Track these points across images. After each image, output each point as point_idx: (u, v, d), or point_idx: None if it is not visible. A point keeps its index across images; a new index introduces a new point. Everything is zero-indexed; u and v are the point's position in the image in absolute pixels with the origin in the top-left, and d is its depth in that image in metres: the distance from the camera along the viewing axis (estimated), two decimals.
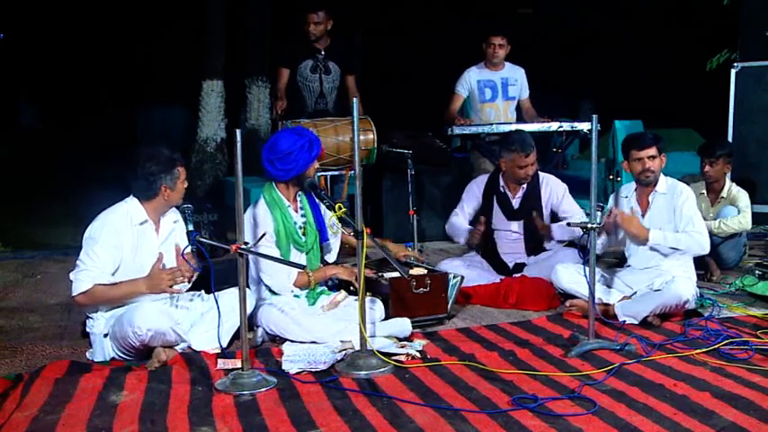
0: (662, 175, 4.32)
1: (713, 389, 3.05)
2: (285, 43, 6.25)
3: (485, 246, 5.01)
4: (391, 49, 15.45)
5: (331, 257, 4.23)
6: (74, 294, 3.49)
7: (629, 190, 4.45)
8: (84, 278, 3.47)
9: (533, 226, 4.85)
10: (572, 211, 4.86)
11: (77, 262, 3.52)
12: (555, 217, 4.95)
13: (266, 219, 3.95)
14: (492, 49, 6.10)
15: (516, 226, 4.94)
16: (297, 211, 4.06)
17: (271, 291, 4.00)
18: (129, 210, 3.62)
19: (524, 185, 4.93)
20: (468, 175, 6.01)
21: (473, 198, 5.07)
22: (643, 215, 4.33)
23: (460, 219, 5.05)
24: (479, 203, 5.05)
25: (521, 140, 4.82)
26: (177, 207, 3.75)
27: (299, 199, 4.09)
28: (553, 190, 4.94)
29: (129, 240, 3.57)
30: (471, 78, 6.22)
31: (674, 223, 4.25)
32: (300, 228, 4.04)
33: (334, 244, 4.24)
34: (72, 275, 3.51)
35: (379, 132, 5.56)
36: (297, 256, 4.02)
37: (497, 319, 4.28)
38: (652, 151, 4.23)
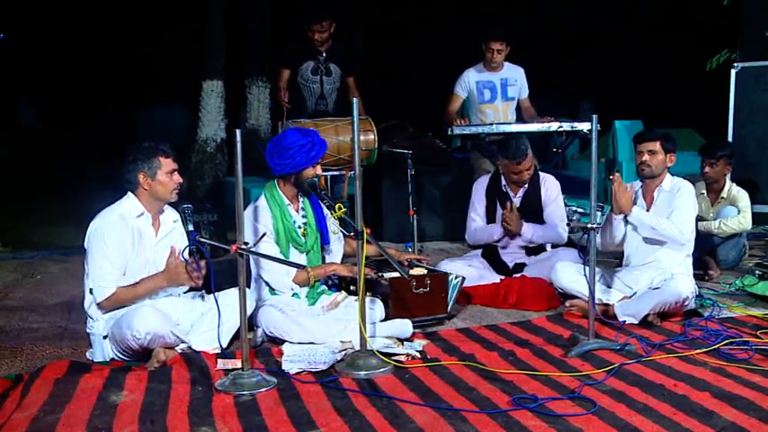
0: (668, 173, 4.33)
1: (713, 389, 3.05)
2: (285, 44, 6.24)
3: (485, 246, 5.01)
4: (391, 49, 15.47)
5: (335, 260, 4.25)
6: (99, 301, 3.51)
7: (635, 185, 4.46)
8: (104, 284, 3.48)
9: (530, 221, 4.86)
10: (556, 213, 4.87)
11: (90, 266, 3.52)
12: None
13: (265, 215, 3.98)
14: (491, 53, 6.10)
15: None
16: (297, 211, 4.08)
17: (271, 289, 4.01)
18: (127, 206, 3.62)
19: (525, 185, 4.94)
20: (469, 175, 6.01)
21: (482, 199, 5.06)
22: (647, 210, 4.33)
23: (479, 223, 5.05)
24: (485, 203, 5.05)
25: (514, 148, 4.76)
26: (177, 207, 3.75)
27: (300, 199, 4.10)
28: (549, 189, 4.96)
29: (128, 237, 3.57)
30: (470, 79, 6.22)
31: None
32: (300, 227, 4.05)
33: (337, 248, 4.25)
34: (91, 283, 3.51)
35: (379, 132, 5.56)
36: (296, 257, 4.03)
37: (497, 319, 4.28)
38: (651, 146, 4.24)
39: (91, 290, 3.53)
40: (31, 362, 3.58)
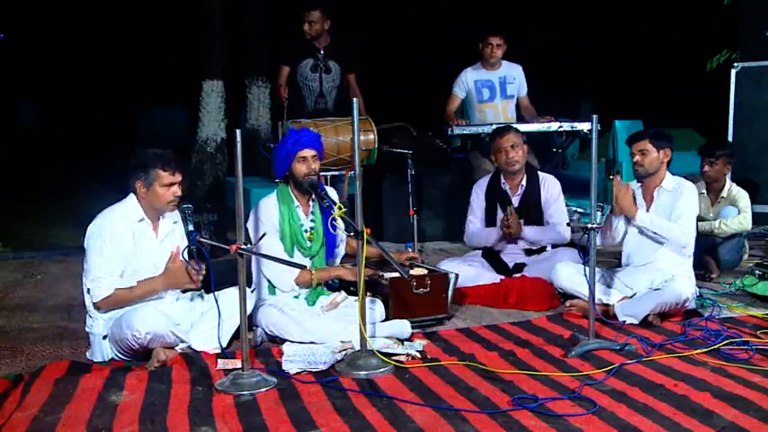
0: (668, 172, 4.32)
1: (713, 389, 3.05)
2: (286, 42, 6.25)
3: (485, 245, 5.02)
4: (391, 49, 15.45)
5: (336, 262, 4.26)
6: (95, 301, 3.51)
7: (633, 185, 4.45)
8: (102, 284, 3.48)
9: (529, 221, 4.86)
10: (557, 215, 4.87)
11: (88, 267, 3.52)
12: None
13: (273, 212, 4.01)
14: (489, 49, 6.11)
15: None
16: (306, 215, 4.09)
17: (271, 288, 4.01)
18: (128, 208, 3.63)
19: (524, 183, 4.94)
20: (469, 176, 6.01)
21: (480, 202, 5.06)
22: (647, 210, 4.33)
23: (478, 225, 5.05)
24: (485, 205, 5.05)
25: (498, 128, 5.09)
26: (177, 207, 3.75)
27: (311, 205, 4.11)
28: (550, 189, 4.96)
29: (129, 239, 3.57)
30: (468, 79, 6.23)
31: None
32: (306, 231, 4.06)
33: (339, 250, 4.26)
34: (89, 283, 3.51)
35: (379, 132, 5.56)
36: (300, 260, 4.01)
37: (497, 319, 4.28)
38: (641, 146, 4.25)
39: (88, 289, 3.53)
40: (31, 362, 3.58)
